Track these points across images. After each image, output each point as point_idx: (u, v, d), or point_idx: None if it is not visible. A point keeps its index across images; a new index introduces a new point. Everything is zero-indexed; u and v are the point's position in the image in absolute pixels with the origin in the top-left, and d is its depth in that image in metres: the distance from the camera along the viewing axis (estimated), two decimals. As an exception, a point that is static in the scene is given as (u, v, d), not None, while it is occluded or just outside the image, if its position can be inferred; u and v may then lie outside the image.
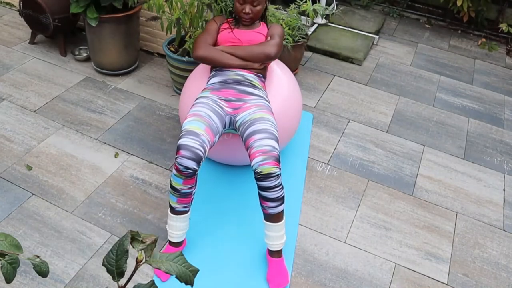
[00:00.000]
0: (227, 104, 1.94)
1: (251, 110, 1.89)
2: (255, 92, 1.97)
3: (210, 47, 2.04)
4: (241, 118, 1.89)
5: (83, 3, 2.70)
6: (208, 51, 2.02)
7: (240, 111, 1.91)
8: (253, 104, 1.92)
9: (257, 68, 2.05)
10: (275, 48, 2.03)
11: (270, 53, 2.01)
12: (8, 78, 2.94)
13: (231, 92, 1.95)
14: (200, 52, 2.02)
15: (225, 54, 2.02)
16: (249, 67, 2.03)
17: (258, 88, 2.00)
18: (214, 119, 1.85)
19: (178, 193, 1.80)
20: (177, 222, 1.88)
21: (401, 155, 2.65)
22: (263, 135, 1.78)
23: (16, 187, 2.21)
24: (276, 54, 2.03)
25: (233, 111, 1.93)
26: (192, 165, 1.71)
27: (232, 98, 1.94)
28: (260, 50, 2.01)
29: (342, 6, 4.20)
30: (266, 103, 1.96)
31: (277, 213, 1.81)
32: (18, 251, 0.85)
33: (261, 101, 1.95)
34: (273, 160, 1.72)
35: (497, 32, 4.10)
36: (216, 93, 1.95)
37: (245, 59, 2.02)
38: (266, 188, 1.75)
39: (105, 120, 2.68)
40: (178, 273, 0.77)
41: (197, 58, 2.04)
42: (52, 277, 1.84)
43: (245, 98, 1.94)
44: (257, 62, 2.03)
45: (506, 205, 2.41)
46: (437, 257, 2.09)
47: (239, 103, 1.93)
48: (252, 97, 1.95)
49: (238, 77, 1.98)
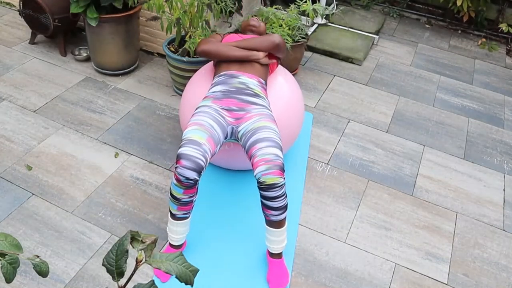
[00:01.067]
0: (229, 114, 1.89)
1: (253, 119, 1.85)
2: (257, 102, 1.92)
3: (214, 42, 2.07)
4: (243, 128, 1.85)
5: (83, 3, 2.70)
6: (211, 44, 2.05)
7: (242, 121, 1.87)
8: (255, 113, 1.88)
9: (261, 62, 2.04)
10: (280, 38, 2.09)
11: (275, 39, 2.06)
12: (8, 78, 2.94)
13: (233, 101, 1.90)
14: (203, 46, 2.06)
15: (228, 46, 2.04)
16: (253, 57, 2.02)
17: (260, 97, 1.95)
18: (216, 129, 1.81)
19: (178, 201, 1.76)
20: (178, 227, 1.86)
21: (401, 155, 2.65)
22: (266, 144, 1.74)
23: (16, 187, 2.21)
24: (280, 42, 2.08)
25: (235, 121, 1.89)
26: (193, 176, 1.67)
27: (234, 108, 1.90)
28: (265, 38, 2.07)
29: (342, 6, 4.21)
30: (268, 112, 1.92)
31: (279, 220, 1.79)
32: (18, 251, 0.85)
33: (263, 110, 1.91)
34: (277, 170, 1.68)
35: (497, 32, 4.10)
36: (217, 102, 1.90)
37: (250, 48, 2.03)
38: (270, 198, 1.71)
39: (105, 120, 2.68)
40: (178, 273, 0.77)
41: (200, 52, 2.07)
42: (52, 277, 1.84)
43: (247, 107, 1.90)
44: (262, 49, 2.05)
45: (506, 205, 2.41)
46: (437, 257, 2.09)
47: (241, 113, 1.89)
48: (254, 106, 1.91)
49: (240, 86, 1.93)
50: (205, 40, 2.11)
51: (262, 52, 2.05)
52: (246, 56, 2.01)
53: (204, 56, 2.09)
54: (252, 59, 2.02)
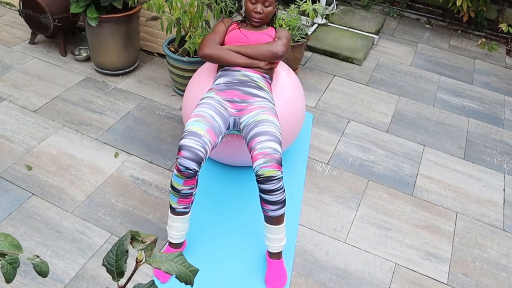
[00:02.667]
0: (231, 105, 1.92)
1: (255, 112, 1.88)
2: (260, 94, 1.95)
3: (216, 46, 2.05)
4: (245, 120, 1.88)
5: (83, 3, 2.70)
6: (214, 49, 2.03)
7: (245, 113, 1.90)
8: (258, 106, 1.90)
9: (263, 68, 2.04)
10: (283, 47, 2.03)
11: (278, 51, 2.01)
12: (8, 78, 2.94)
13: (236, 93, 1.94)
14: (206, 50, 2.03)
15: (231, 52, 2.02)
16: (255, 65, 2.02)
17: (264, 89, 1.98)
18: (217, 120, 1.84)
19: (178, 193, 1.79)
20: (177, 223, 1.87)
21: (401, 155, 2.65)
22: (265, 137, 1.77)
23: (16, 187, 2.21)
24: (284, 54, 2.04)
25: (237, 113, 1.92)
26: (192, 166, 1.71)
27: (237, 99, 1.93)
28: (267, 48, 2.02)
29: (342, 6, 4.21)
30: (270, 105, 1.94)
31: (277, 216, 1.80)
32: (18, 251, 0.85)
33: (265, 103, 1.93)
34: (274, 163, 1.71)
35: (497, 32, 4.10)
36: (220, 94, 1.94)
37: (252, 57, 2.02)
38: (267, 191, 1.73)
39: (105, 120, 2.68)
40: (178, 273, 0.77)
41: (202, 56, 2.05)
42: (52, 277, 1.84)
43: (250, 99, 1.93)
44: (264, 60, 2.03)
45: (506, 205, 2.41)
46: (437, 257, 2.09)
47: (243, 105, 1.92)
48: (257, 98, 1.93)
49: (244, 78, 1.97)
50: (207, 40, 2.07)
51: (263, 62, 2.04)
52: (248, 64, 2.02)
53: (206, 60, 2.08)
54: (253, 67, 2.03)
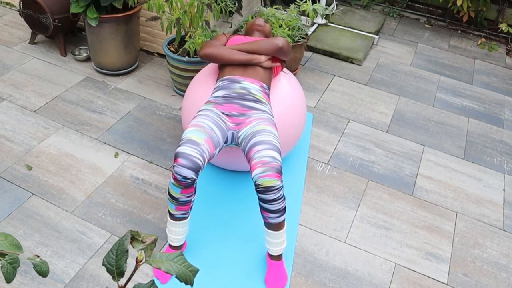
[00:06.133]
0: (229, 119, 1.89)
1: (253, 124, 1.85)
2: (258, 107, 1.92)
3: (217, 45, 2.06)
4: (243, 133, 1.85)
5: (83, 3, 2.70)
6: (214, 48, 2.04)
7: (242, 126, 1.87)
8: (255, 118, 1.88)
9: (263, 66, 2.03)
10: (284, 41, 2.07)
11: (278, 42, 2.05)
12: (8, 78, 2.94)
13: (234, 107, 1.90)
14: (206, 50, 2.04)
15: (230, 49, 2.04)
16: (255, 61, 2.01)
17: (262, 102, 1.95)
18: (215, 131, 1.81)
19: (176, 201, 1.76)
20: (177, 228, 1.86)
21: (401, 155, 2.65)
22: (263, 146, 1.73)
23: (16, 187, 2.21)
24: (284, 46, 2.06)
25: (235, 126, 1.89)
26: (190, 175, 1.67)
27: (235, 113, 1.89)
28: (268, 41, 2.06)
29: (342, 6, 4.21)
30: (268, 116, 1.91)
31: (278, 223, 1.78)
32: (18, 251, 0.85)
33: (263, 114, 1.90)
34: (273, 172, 1.67)
35: (497, 32, 4.10)
36: (218, 107, 1.91)
37: (253, 52, 2.03)
38: (267, 200, 1.70)
39: (105, 120, 2.68)
40: (178, 273, 0.77)
41: (203, 55, 2.06)
42: (52, 277, 1.84)
43: (248, 113, 1.90)
44: (265, 52, 2.04)
45: (506, 205, 2.41)
46: (437, 257, 2.09)
47: (241, 118, 1.89)
48: (255, 111, 1.90)
49: (242, 91, 1.93)
50: (209, 43, 2.09)
51: (264, 56, 2.04)
52: (248, 60, 2.01)
53: (206, 60, 2.08)
54: (254, 63, 2.02)
